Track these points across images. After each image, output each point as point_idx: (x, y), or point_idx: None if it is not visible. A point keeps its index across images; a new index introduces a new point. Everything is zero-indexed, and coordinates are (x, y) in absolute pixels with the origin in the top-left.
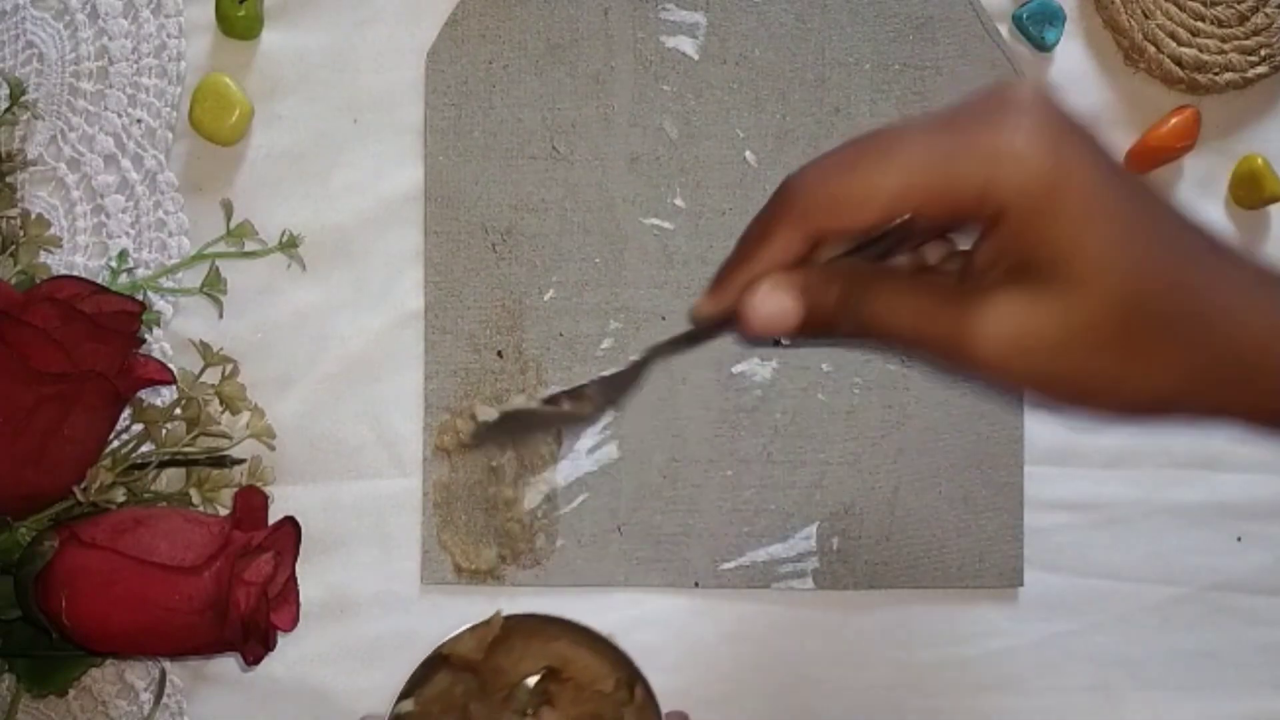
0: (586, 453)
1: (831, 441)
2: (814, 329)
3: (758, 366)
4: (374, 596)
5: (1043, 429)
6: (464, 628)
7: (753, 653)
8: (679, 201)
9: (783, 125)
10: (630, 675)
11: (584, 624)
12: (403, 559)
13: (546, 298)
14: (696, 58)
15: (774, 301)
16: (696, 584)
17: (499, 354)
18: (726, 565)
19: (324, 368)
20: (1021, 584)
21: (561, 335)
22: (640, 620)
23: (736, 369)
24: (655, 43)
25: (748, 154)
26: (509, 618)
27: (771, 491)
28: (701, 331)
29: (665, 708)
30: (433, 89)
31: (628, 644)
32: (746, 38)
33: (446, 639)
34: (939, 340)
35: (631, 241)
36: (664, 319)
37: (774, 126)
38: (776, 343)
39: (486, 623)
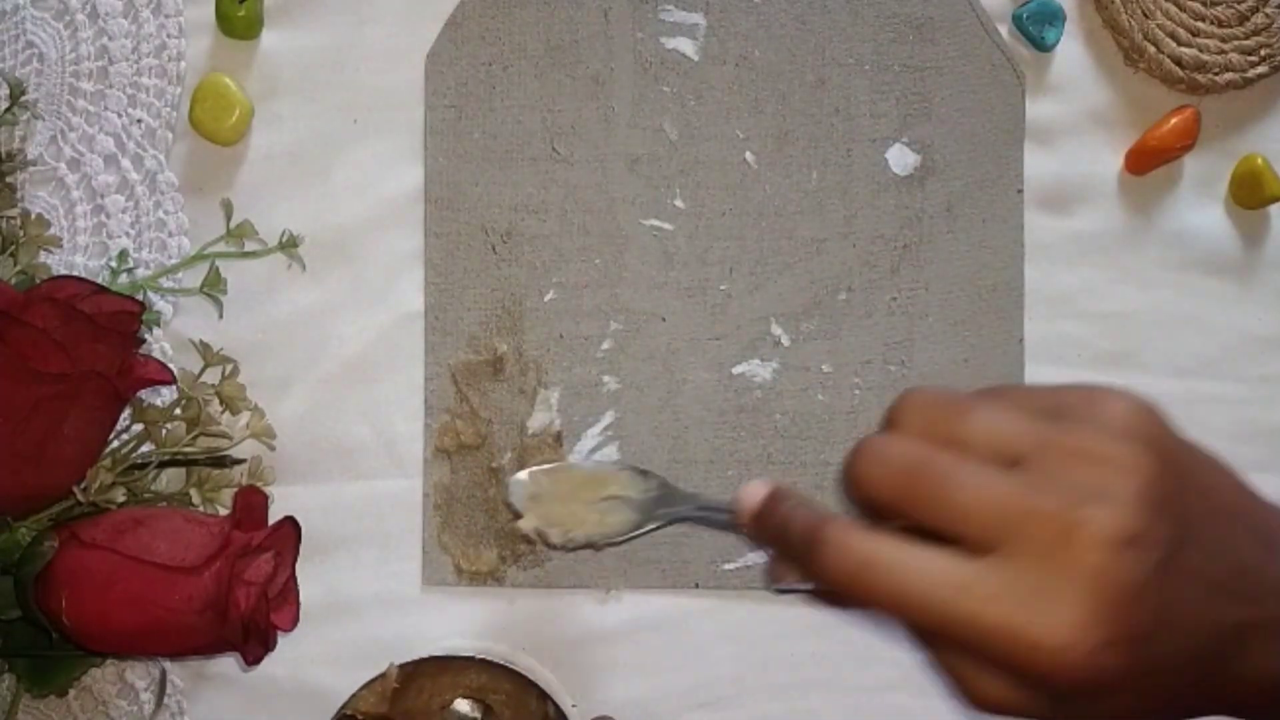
0: (587, 454)
1: (832, 443)
2: (765, 536)
3: (758, 368)
4: (374, 597)
5: None
6: (359, 686)
7: (753, 653)
8: (679, 203)
9: (783, 126)
10: (541, 692)
11: (480, 656)
12: (403, 560)
13: (547, 299)
14: (696, 59)
15: (753, 487)
16: (697, 585)
17: (499, 358)
18: (727, 566)
19: (324, 368)
20: None
21: (562, 337)
22: (641, 621)
23: (737, 370)
24: (655, 44)
25: (748, 155)
26: (404, 665)
27: None
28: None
29: (658, 713)
30: (433, 90)
31: (629, 646)
32: (746, 39)
33: (346, 700)
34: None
35: (631, 243)
36: (664, 320)
37: (774, 127)
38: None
39: (382, 676)
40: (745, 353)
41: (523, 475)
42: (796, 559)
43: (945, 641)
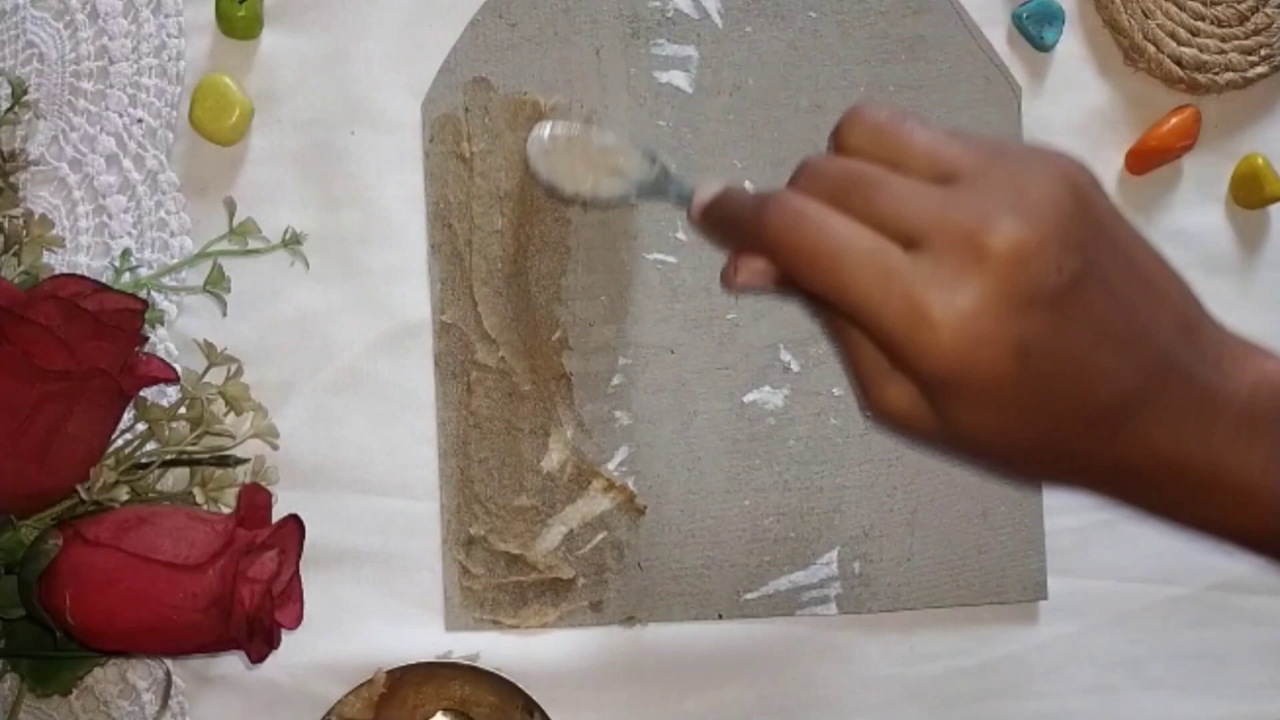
0: (603, 491)
1: (847, 466)
2: (716, 223)
3: (769, 395)
4: (377, 608)
5: None
6: (347, 691)
7: (779, 680)
8: (681, 235)
9: (779, 153)
10: (528, 703)
11: (472, 664)
12: (408, 570)
13: (554, 338)
14: (690, 91)
15: (707, 184)
16: (720, 616)
17: (510, 396)
18: (749, 595)
19: (328, 376)
20: (1045, 597)
21: (571, 374)
22: (665, 652)
23: (748, 398)
24: (648, 79)
25: (747, 184)
26: (392, 672)
27: (790, 519)
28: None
29: None
30: (430, 138)
31: (653, 678)
32: (739, 68)
33: (332, 705)
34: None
35: (636, 277)
36: (673, 352)
37: (771, 155)
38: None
39: (370, 682)
40: (755, 380)
41: (543, 133)
42: (744, 232)
43: (855, 321)
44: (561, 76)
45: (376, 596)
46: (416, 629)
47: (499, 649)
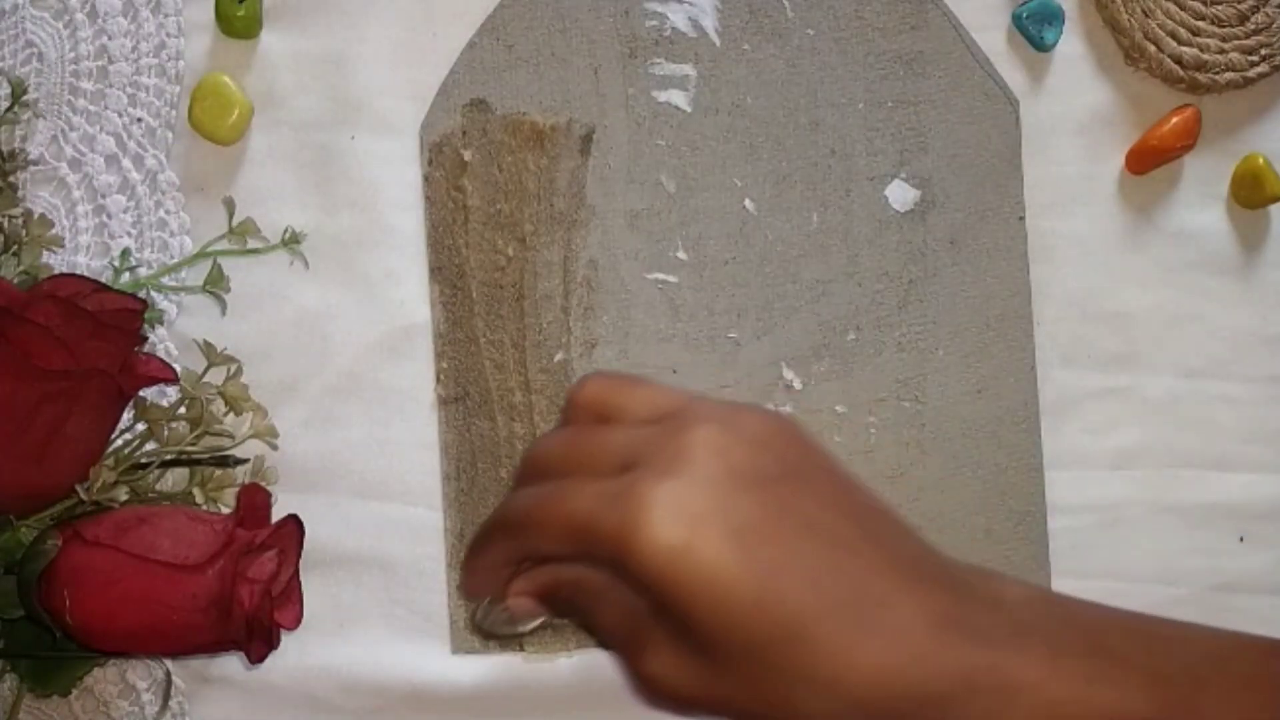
0: None
1: None
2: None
3: None
4: (378, 613)
5: (1047, 433)
6: None
7: None
8: (681, 255)
9: (780, 171)
10: None
11: None
12: (408, 577)
13: (556, 359)
14: (689, 110)
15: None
16: None
17: (511, 420)
18: None
19: (328, 378)
20: None
21: None
22: None
23: None
24: (647, 98)
25: (747, 202)
26: None
27: None
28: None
29: None
30: (429, 160)
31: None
32: (738, 86)
33: None
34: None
35: (637, 298)
36: (675, 371)
37: (771, 173)
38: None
39: None
40: (758, 399)
41: None
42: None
43: (593, 559)
44: (560, 97)
45: (377, 601)
46: (418, 638)
47: (508, 671)
